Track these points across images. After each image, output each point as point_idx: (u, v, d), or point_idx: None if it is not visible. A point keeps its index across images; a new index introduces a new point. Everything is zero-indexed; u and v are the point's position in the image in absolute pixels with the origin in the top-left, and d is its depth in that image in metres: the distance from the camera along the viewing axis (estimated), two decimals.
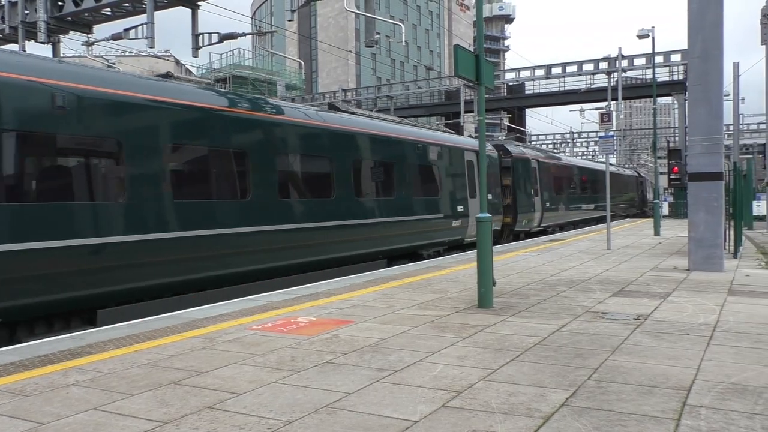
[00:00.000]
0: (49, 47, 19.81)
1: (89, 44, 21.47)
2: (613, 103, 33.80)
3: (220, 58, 49.87)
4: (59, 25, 19.63)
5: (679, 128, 39.28)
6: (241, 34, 19.96)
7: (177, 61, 57.59)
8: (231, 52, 51.52)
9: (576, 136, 68.90)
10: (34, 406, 4.31)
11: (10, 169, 7.23)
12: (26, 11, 19.52)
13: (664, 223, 27.73)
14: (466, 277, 10.77)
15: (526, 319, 7.12)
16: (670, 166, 34.34)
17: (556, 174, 27.31)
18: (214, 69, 48.46)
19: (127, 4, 19.06)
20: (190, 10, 18.47)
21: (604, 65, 38.84)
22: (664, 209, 35.91)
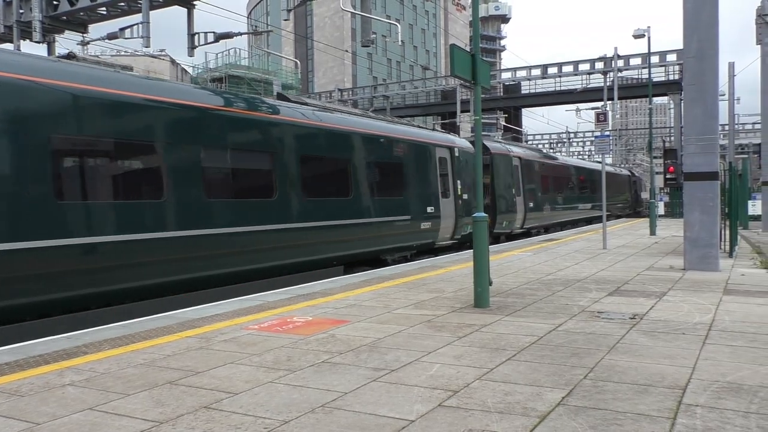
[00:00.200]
0: (44, 47, 19.76)
1: (84, 44, 21.39)
2: (609, 102, 33.85)
3: (216, 57, 49.79)
4: (54, 25, 19.56)
5: (675, 128, 39.38)
6: (236, 34, 19.92)
7: (173, 61, 57.52)
8: (227, 52, 51.40)
9: (572, 135, 69.06)
10: (29, 407, 4.30)
11: None
12: (21, 11, 19.45)
13: (660, 222, 27.80)
14: (462, 277, 10.78)
15: (523, 319, 7.12)
16: (666, 165, 34.41)
17: (542, 172, 26.01)
18: (210, 69, 48.40)
19: (123, 4, 19.01)
20: (185, 10, 18.43)
21: (600, 65, 38.94)
22: (660, 209, 36.01)
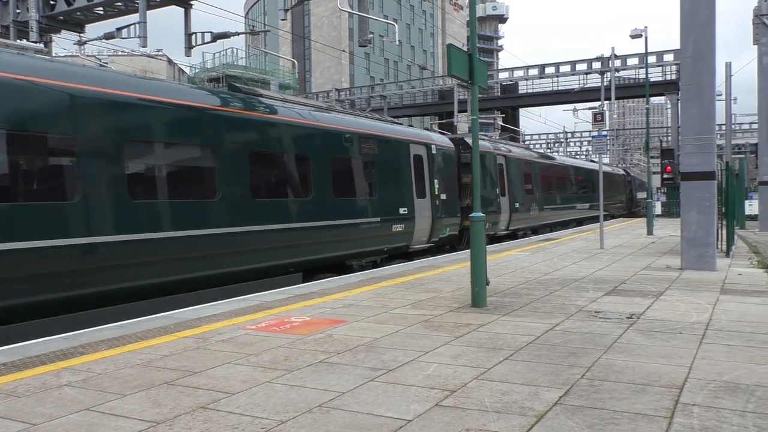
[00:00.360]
0: (40, 47, 19.70)
1: (81, 43, 21.38)
2: (606, 102, 33.93)
3: (213, 57, 49.75)
4: (51, 25, 19.56)
5: (672, 128, 39.45)
6: (234, 34, 19.94)
7: (170, 61, 57.44)
8: (224, 52, 51.38)
9: (569, 135, 69.14)
10: (26, 407, 4.29)
11: None
12: (18, 10, 19.44)
13: (657, 222, 27.87)
14: (459, 277, 10.78)
15: (520, 318, 7.13)
16: (663, 165, 34.48)
17: (529, 171, 24.74)
18: (207, 68, 48.37)
19: (120, 4, 19.02)
20: (182, 10, 18.43)
21: (597, 65, 38.99)
22: (657, 209, 36.07)
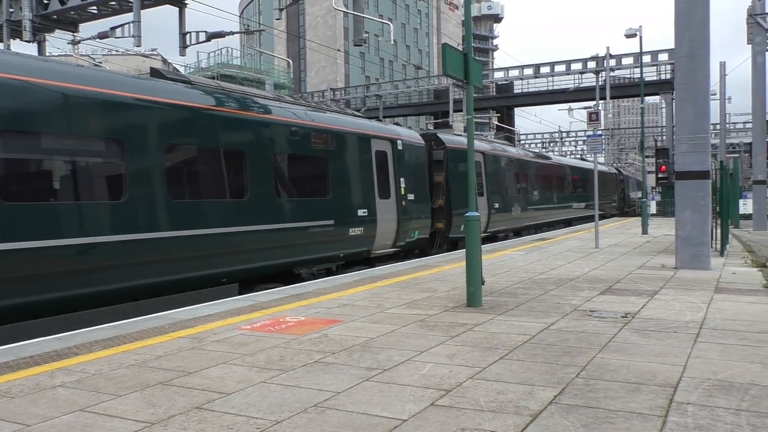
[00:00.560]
0: (34, 46, 19.65)
1: (75, 43, 21.30)
2: (601, 102, 33.95)
3: (208, 57, 49.74)
4: (45, 24, 19.46)
5: (667, 127, 39.54)
6: (228, 33, 19.87)
7: (164, 60, 57.29)
8: (219, 51, 51.32)
9: (565, 135, 69.23)
10: (19, 408, 4.27)
11: None
12: (11, 9, 19.34)
13: (652, 221, 27.94)
14: (454, 276, 10.79)
15: (515, 318, 7.14)
16: (658, 164, 34.55)
17: (511, 170, 23.24)
18: (202, 68, 48.29)
19: (114, 3, 18.93)
20: (177, 9, 18.37)
21: (592, 65, 39.05)
22: (652, 208, 36.13)
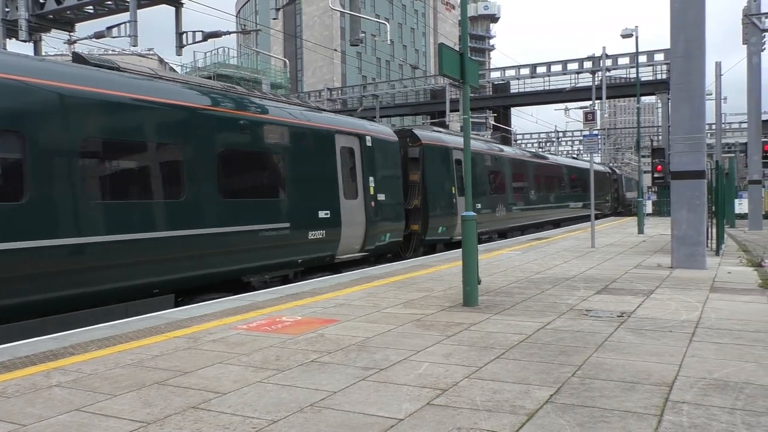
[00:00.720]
0: (30, 45, 19.61)
1: (71, 42, 21.26)
2: (598, 102, 34.03)
3: (204, 56, 49.73)
4: (41, 23, 19.43)
5: (663, 127, 39.62)
6: (225, 33, 19.87)
7: (161, 60, 57.23)
8: (215, 51, 51.29)
9: (561, 135, 69.34)
10: (15, 408, 4.26)
11: None
12: (7, 9, 19.30)
13: (648, 221, 27.99)
14: (451, 276, 10.80)
15: (511, 317, 7.15)
16: (654, 164, 34.62)
17: (495, 168, 22.03)
18: (199, 68, 48.25)
19: (110, 2, 18.93)
20: (173, 9, 18.35)
21: (588, 64, 39.08)
22: (648, 207, 36.18)
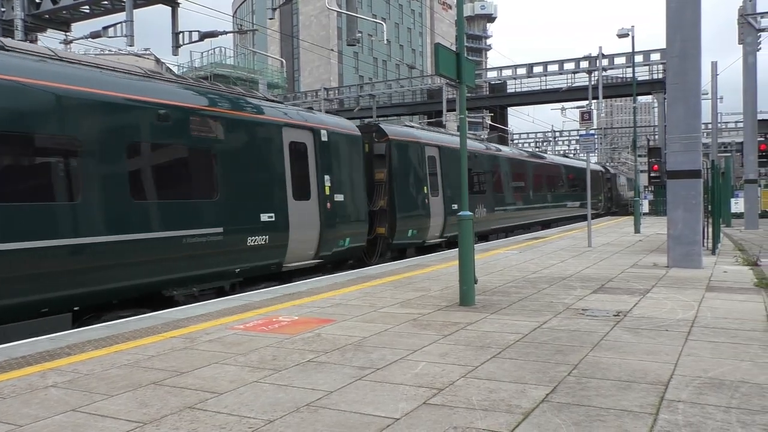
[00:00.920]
0: None
1: (67, 42, 21.23)
2: (594, 101, 34.07)
3: (201, 56, 49.72)
4: (37, 23, 19.40)
5: (659, 126, 39.71)
6: (221, 33, 19.87)
7: (157, 60, 57.13)
8: (212, 51, 51.27)
9: (558, 134, 69.42)
10: (11, 408, 4.26)
11: None
12: (3, 9, 19.26)
13: (644, 220, 28.05)
14: (447, 276, 10.80)
15: (508, 317, 7.16)
16: (650, 164, 34.67)
17: (475, 166, 20.56)
18: (195, 67, 48.22)
19: (106, 2, 18.91)
20: (170, 8, 18.34)
21: (584, 64, 39.17)
22: (645, 207, 36.23)
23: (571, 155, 59.86)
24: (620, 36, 27.35)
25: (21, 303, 7.36)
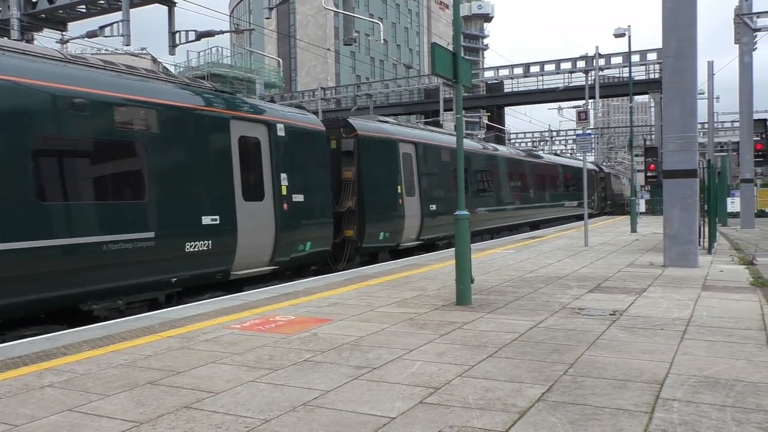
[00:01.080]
0: None
1: (63, 42, 21.19)
2: (591, 101, 34.12)
3: (198, 56, 49.67)
4: (33, 23, 19.36)
5: (656, 126, 39.75)
6: (218, 32, 19.86)
7: (154, 59, 57.09)
8: (209, 51, 51.24)
9: (554, 134, 69.48)
10: (7, 408, 4.25)
11: None
12: None
13: (641, 220, 28.10)
14: (444, 275, 10.81)
15: (504, 316, 7.17)
16: (647, 163, 34.70)
17: (455, 164, 17.53)
18: (192, 67, 48.19)
19: (102, 2, 18.89)
20: (166, 8, 18.32)
21: (581, 64, 39.20)
22: (641, 206, 36.26)
23: (567, 154, 59.39)
24: (617, 36, 27.42)
25: None
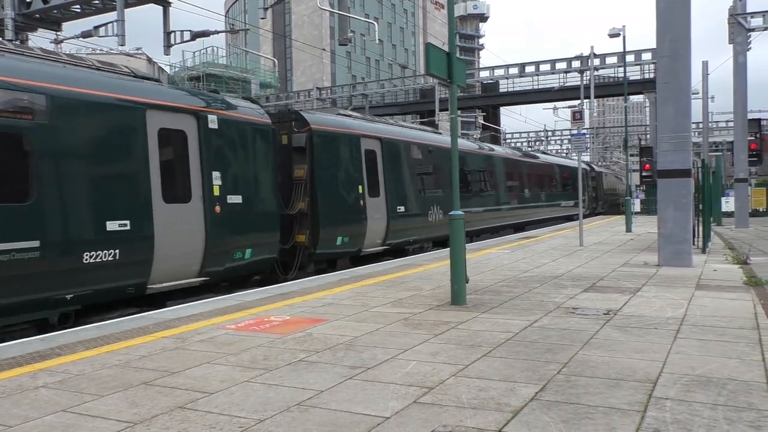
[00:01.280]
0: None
1: (58, 42, 21.15)
2: (586, 101, 34.19)
3: (193, 56, 49.61)
4: (27, 23, 19.33)
5: (651, 126, 39.89)
6: (213, 32, 19.85)
7: (149, 59, 56.97)
8: (204, 51, 51.20)
9: (550, 134, 69.61)
10: (1, 409, 4.25)
11: None
12: None
13: (636, 219, 28.16)
14: (439, 275, 10.83)
15: (499, 316, 7.19)
16: (642, 163, 34.80)
17: (428, 163, 17.54)
18: (188, 67, 48.11)
19: (97, 2, 18.86)
20: (161, 8, 18.30)
21: (576, 64, 39.25)
22: (636, 206, 36.33)
23: (545, 151, 58.38)
24: (611, 36, 27.49)
25: None
